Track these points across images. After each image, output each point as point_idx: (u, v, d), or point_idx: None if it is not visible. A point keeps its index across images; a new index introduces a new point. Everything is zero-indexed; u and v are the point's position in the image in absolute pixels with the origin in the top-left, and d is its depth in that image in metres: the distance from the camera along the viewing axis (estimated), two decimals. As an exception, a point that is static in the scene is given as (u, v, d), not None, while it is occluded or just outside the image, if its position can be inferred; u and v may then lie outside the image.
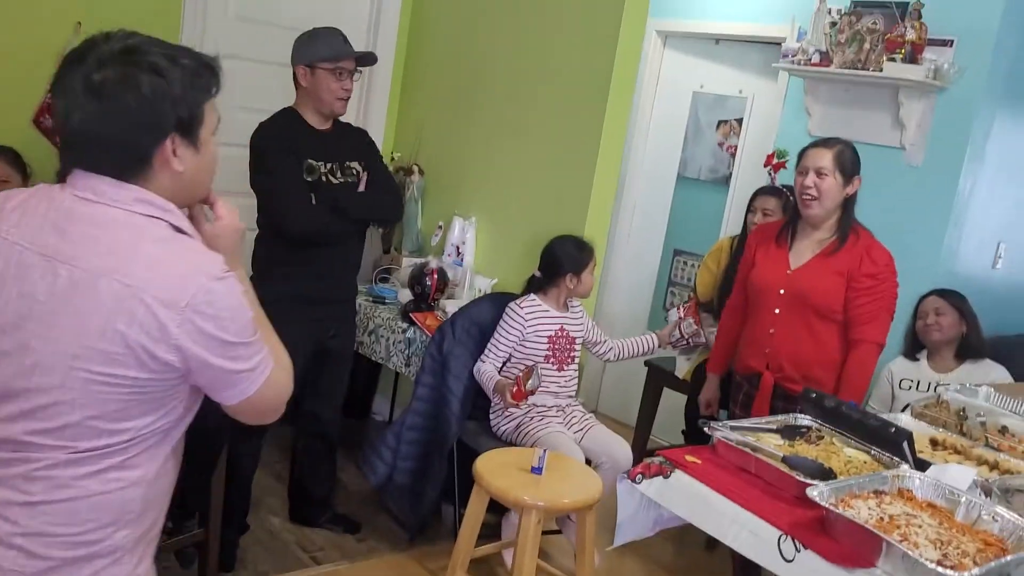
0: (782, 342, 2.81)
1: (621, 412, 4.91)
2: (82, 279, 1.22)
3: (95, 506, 1.28)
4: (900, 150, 3.83)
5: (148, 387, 1.26)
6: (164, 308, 1.22)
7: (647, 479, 2.00)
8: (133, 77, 1.23)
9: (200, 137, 1.32)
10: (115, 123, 1.24)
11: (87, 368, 1.22)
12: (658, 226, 5.03)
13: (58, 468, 1.25)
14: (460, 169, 4.04)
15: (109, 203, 1.26)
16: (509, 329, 3.18)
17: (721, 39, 4.73)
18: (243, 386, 1.32)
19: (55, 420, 1.23)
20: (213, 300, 1.25)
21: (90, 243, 1.24)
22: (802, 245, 2.83)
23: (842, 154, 2.73)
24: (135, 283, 1.21)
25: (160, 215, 1.28)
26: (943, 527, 1.73)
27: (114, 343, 1.21)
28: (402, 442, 3.28)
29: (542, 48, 3.67)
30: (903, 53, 3.66)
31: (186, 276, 1.24)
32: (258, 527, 3.26)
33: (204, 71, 1.32)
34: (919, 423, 2.38)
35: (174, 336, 1.23)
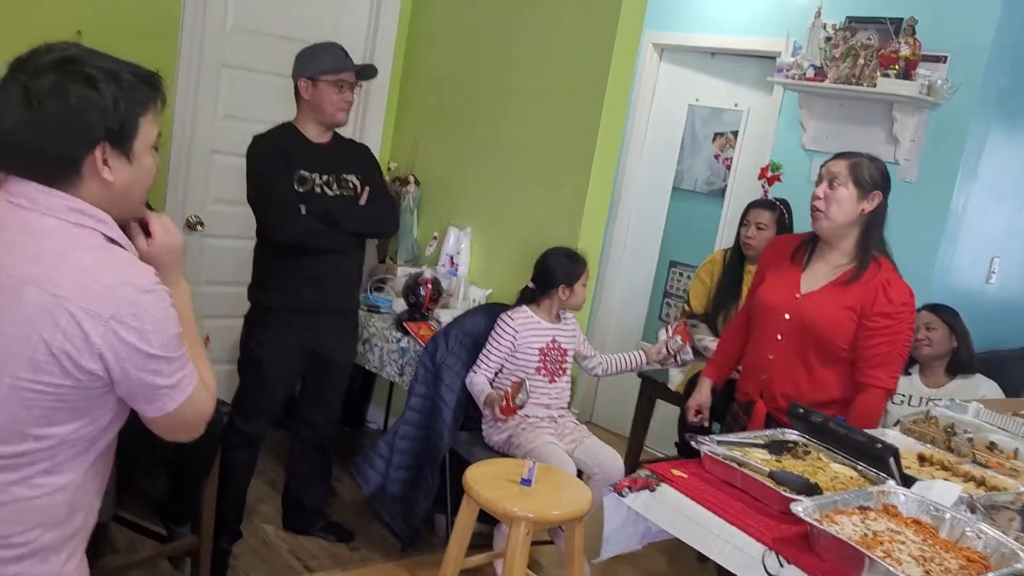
0: (779, 372, 2.63)
1: (615, 423, 4.92)
2: (8, 285, 1.23)
3: (21, 511, 1.30)
4: (894, 165, 3.84)
5: (73, 395, 1.27)
6: (88, 318, 1.23)
7: (633, 492, 2.01)
8: (62, 87, 1.25)
9: (134, 150, 1.33)
10: (41, 130, 1.26)
11: (11, 373, 1.24)
12: (653, 237, 5.06)
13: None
14: (455, 180, 4.07)
15: (43, 211, 1.27)
16: (500, 340, 3.19)
17: (717, 52, 4.76)
18: (162, 401, 1.33)
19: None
20: (138, 312, 1.26)
21: (18, 250, 1.25)
22: (817, 268, 2.61)
23: (859, 165, 2.52)
24: (60, 292, 1.23)
25: (93, 225, 1.30)
26: (927, 544, 1.74)
27: (38, 351, 1.23)
28: (395, 451, 3.29)
29: (537, 59, 3.70)
30: (897, 69, 3.69)
31: (112, 287, 1.25)
32: (251, 535, 3.27)
33: (142, 85, 1.33)
34: (907, 439, 2.38)
35: (97, 346, 1.24)
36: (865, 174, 2.51)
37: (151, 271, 1.32)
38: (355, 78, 3.05)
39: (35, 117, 1.25)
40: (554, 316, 3.27)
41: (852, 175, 2.50)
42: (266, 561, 3.15)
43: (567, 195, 3.55)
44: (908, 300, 2.53)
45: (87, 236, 1.29)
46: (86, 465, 1.35)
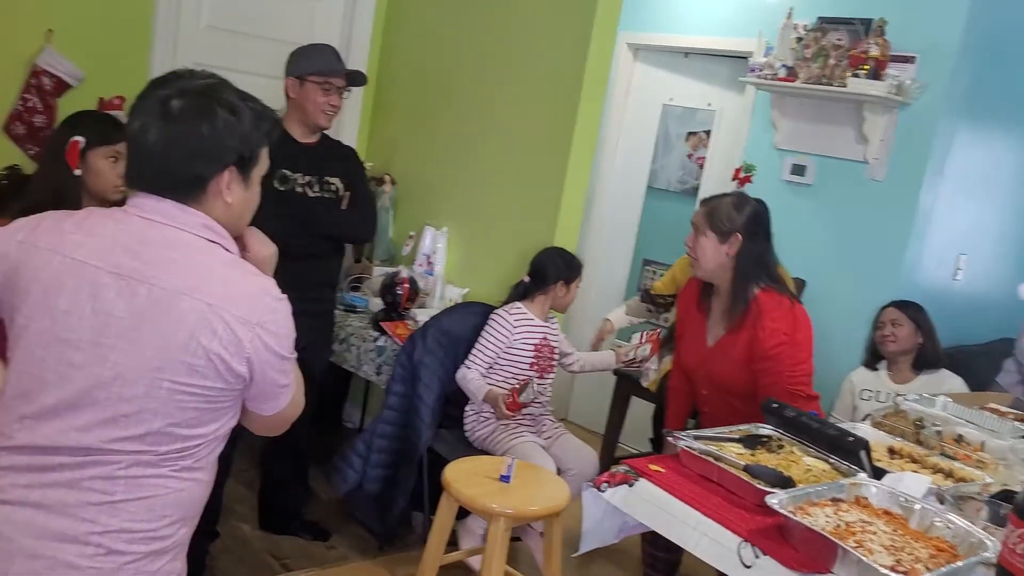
0: (714, 422, 2.56)
1: (590, 420, 4.96)
2: (163, 297, 1.31)
3: (171, 503, 1.38)
4: (864, 164, 3.92)
5: (220, 396, 1.37)
6: (240, 324, 1.34)
7: (612, 487, 2.04)
8: (211, 109, 1.36)
9: (252, 176, 1.45)
10: (183, 149, 1.35)
11: (171, 379, 1.32)
12: (628, 236, 5.09)
13: (138, 467, 1.34)
14: (432, 179, 4.08)
15: (179, 226, 1.37)
16: (496, 336, 3.21)
17: (690, 52, 4.80)
18: (282, 399, 1.46)
19: (139, 427, 1.32)
20: (277, 319, 1.39)
21: (167, 264, 1.33)
22: (716, 313, 2.65)
23: (715, 210, 2.54)
24: (215, 301, 1.33)
25: (219, 240, 1.40)
26: (897, 534, 1.78)
27: (197, 356, 1.32)
28: (372, 450, 3.29)
29: (513, 60, 3.72)
30: (867, 69, 3.75)
31: (256, 296, 1.37)
32: (228, 535, 3.26)
33: (267, 118, 1.46)
34: (878, 432, 2.43)
35: (247, 350, 1.35)
36: (722, 219, 2.53)
37: (274, 282, 1.43)
38: (344, 83, 3.04)
39: (179, 135, 1.34)
40: (545, 314, 3.31)
41: (708, 221, 2.55)
42: (244, 561, 3.14)
43: (543, 194, 3.57)
44: (782, 339, 2.48)
45: (218, 251, 1.39)
46: (214, 463, 1.46)
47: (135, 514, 1.34)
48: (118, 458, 1.32)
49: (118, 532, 1.33)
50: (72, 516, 1.31)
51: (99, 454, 1.31)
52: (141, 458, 1.33)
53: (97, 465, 1.32)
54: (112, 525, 1.32)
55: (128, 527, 1.34)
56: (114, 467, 1.32)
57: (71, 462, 1.31)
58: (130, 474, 1.33)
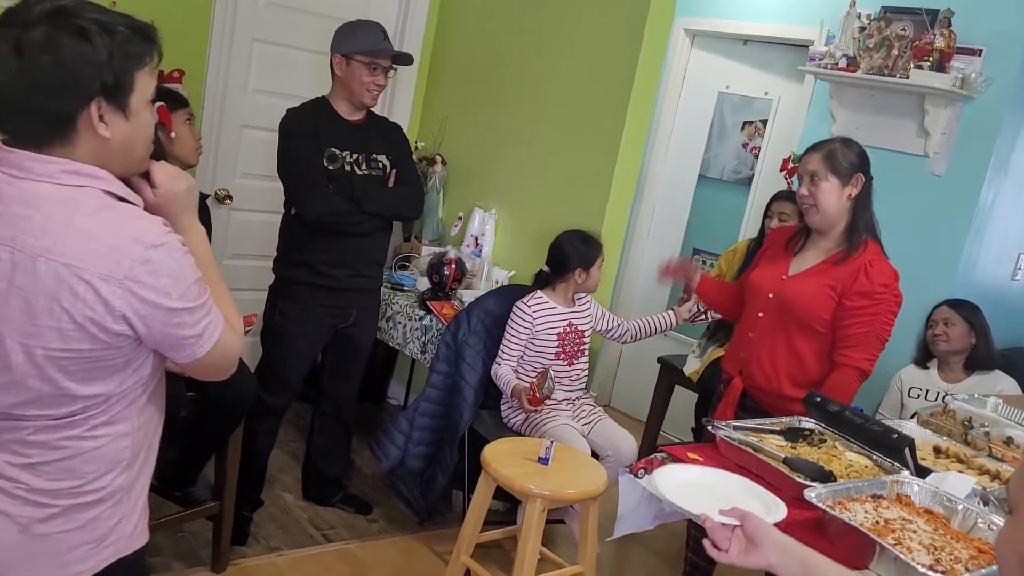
0: (758, 349, 2.64)
1: (633, 407, 4.95)
2: (21, 260, 1.23)
3: (90, 460, 1.35)
4: (924, 158, 3.83)
5: (106, 355, 1.29)
6: (103, 283, 1.23)
7: (649, 474, 2.04)
8: (55, 39, 1.21)
9: (131, 105, 1.29)
10: (33, 85, 1.21)
11: (43, 346, 1.25)
12: (678, 224, 5.05)
13: (46, 432, 1.31)
14: (482, 161, 4.09)
15: (35, 178, 1.25)
16: (518, 329, 3.21)
17: (749, 40, 4.73)
18: (191, 350, 1.34)
19: (28, 393, 1.28)
20: (151, 268, 1.25)
21: (23, 223, 1.23)
22: (808, 254, 2.63)
23: (833, 154, 2.50)
24: (72, 261, 1.22)
25: (89, 183, 1.27)
26: (938, 533, 1.76)
27: (62, 320, 1.23)
28: (415, 428, 3.33)
29: (567, 43, 3.70)
30: (931, 61, 3.66)
31: (121, 247, 1.24)
32: (272, 504, 3.34)
33: (137, 38, 1.28)
34: (924, 431, 2.40)
35: (118, 308, 1.24)
36: (842, 160, 2.50)
37: (159, 222, 1.30)
38: (390, 63, 3.05)
39: (27, 71, 1.21)
40: (569, 299, 3.29)
41: (829, 165, 2.50)
42: (286, 529, 3.21)
43: (593, 180, 3.56)
44: (889, 282, 2.50)
45: (86, 197, 1.26)
46: (140, 411, 1.40)
47: (54, 474, 1.33)
48: (25, 424, 1.30)
49: (41, 490, 1.32)
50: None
51: (6, 419, 1.30)
52: (47, 423, 1.30)
53: (13, 430, 1.31)
54: (35, 483, 1.32)
55: (50, 486, 1.33)
56: (24, 432, 1.30)
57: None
58: (39, 439, 1.31)
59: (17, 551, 1.33)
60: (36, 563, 1.34)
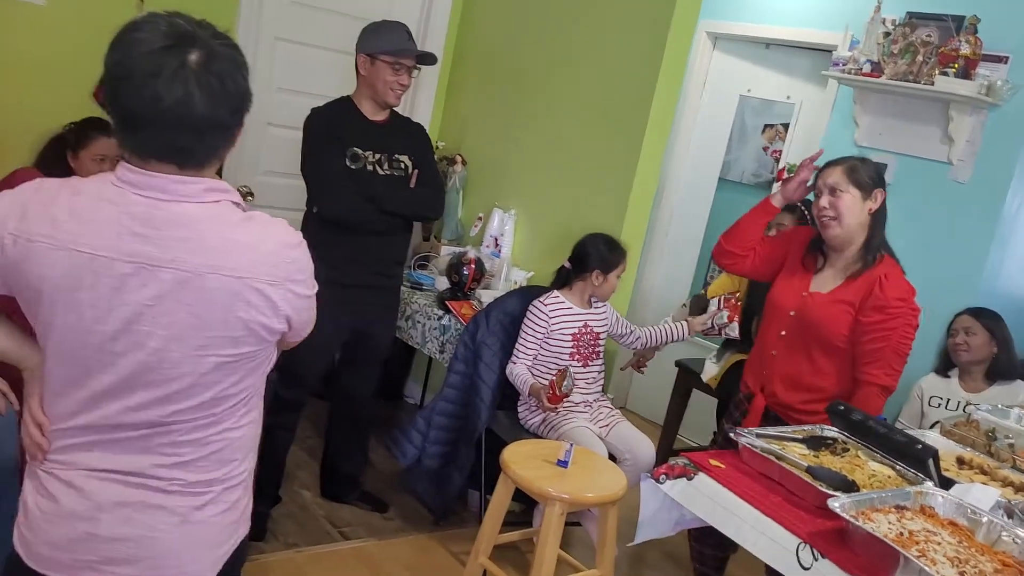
0: (780, 367, 2.62)
1: (650, 411, 4.94)
2: (188, 279, 1.28)
3: (236, 448, 1.44)
4: (947, 165, 3.80)
5: (262, 352, 1.40)
6: (271, 287, 1.33)
7: (671, 480, 2.04)
8: (238, 61, 1.31)
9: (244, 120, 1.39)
10: (220, 105, 1.28)
11: (216, 354, 1.33)
12: (697, 227, 5.04)
13: (199, 431, 1.38)
14: (502, 162, 4.09)
15: (181, 199, 1.30)
16: (533, 328, 3.22)
17: (772, 43, 4.71)
18: (309, 326, 1.48)
19: (192, 400, 1.35)
20: (299, 267, 1.39)
21: (181, 243, 1.28)
22: (827, 273, 2.61)
23: (855, 168, 2.52)
24: (242, 273, 1.31)
25: (223, 197, 1.35)
26: (962, 545, 1.75)
27: (236, 329, 1.33)
28: (432, 427, 3.34)
29: (590, 44, 3.70)
30: (956, 67, 3.63)
31: (277, 253, 1.35)
32: (290, 500, 3.35)
33: None
34: (947, 441, 2.38)
35: (282, 309, 1.36)
36: (863, 175, 2.51)
37: (286, 223, 1.40)
38: (414, 63, 3.06)
39: (220, 93, 1.28)
40: (586, 301, 3.29)
41: (851, 179, 2.50)
42: (303, 526, 3.23)
43: (613, 181, 3.56)
44: (905, 296, 2.49)
45: (225, 211, 1.34)
46: (261, 396, 1.51)
47: (206, 468, 1.40)
48: (179, 426, 1.36)
49: (197, 482, 1.39)
50: (148, 476, 1.36)
51: (160, 426, 1.35)
52: (200, 422, 1.37)
53: (160, 435, 1.35)
54: (188, 479, 1.38)
55: (201, 479, 1.40)
56: (177, 434, 1.36)
57: (135, 435, 1.35)
58: (193, 438, 1.37)
59: (179, 542, 1.39)
60: (195, 548, 1.42)
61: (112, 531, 1.35)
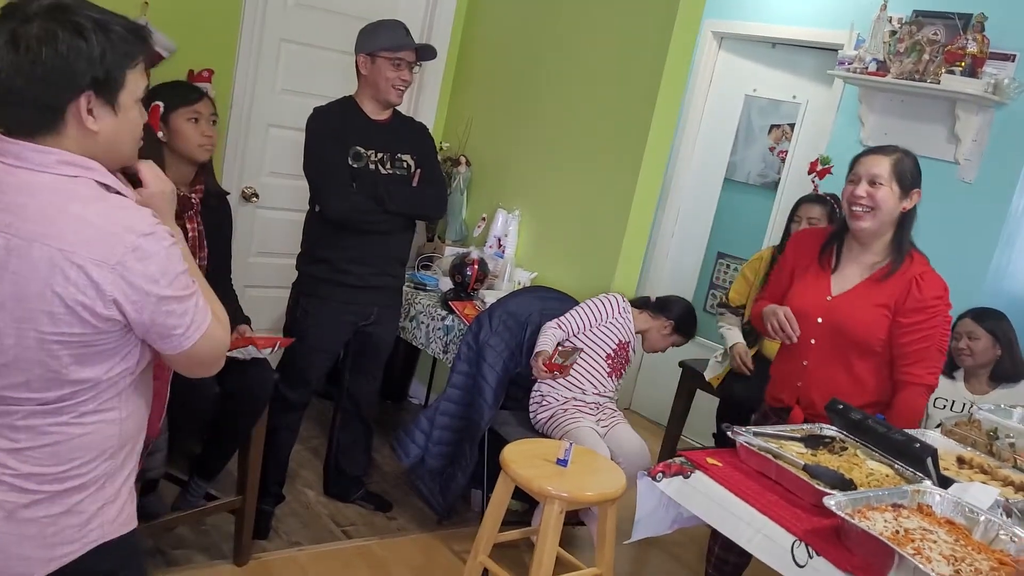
0: (815, 376, 2.51)
1: (653, 411, 4.94)
2: (17, 246, 1.28)
3: (77, 447, 1.38)
4: (954, 165, 3.78)
5: (96, 340, 1.33)
6: (96, 267, 1.28)
7: (667, 478, 2.04)
8: (53, 33, 1.27)
9: (120, 101, 1.35)
10: (29, 76, 1.27)
11: (36, 328, 1.29)
12: (702, 228, 5.03)
13: (35, 417, 1.35)
14: (506, 162, 4.09)
15: (34, 167, 1.31)
16: (594, 308, 3.31)
17: (777, 43, 4.70)
18: (177, 340, 1.38)
19: (18, 376, 1.32)
20: (142, 255, 1.30)
21: (20, 210, 1.29)
22: (849, 269, 2.51)
23: (901, 162, 2.41)
24: (65, 246, 1.27)
25: (83, 173, 1.32)
26: (959, 544, 1.74)
27: (54, 304, 1.28)
28: (435, 427, 3.35)
29: (594, 44, 3.70)
30: (963, 66, 3.61)
31: (114, 234, 1.29)
32: (293, 499, 3.37)
33: (131, 37, 1.34)
34: (948, 440, 2.37)
35: (109, 293, 1.29)
36: (907, 172, 2.42)
37: (149, 213, 1.35)
38: (414, 58, 3.07)
39: (24, 63, 1.27)
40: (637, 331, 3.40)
41: (896, 173, 2.40)
42: (307, 525, 3.24)
43: (617, 182, 3.55)
44: (942, 293, 2.44)
45: (81, 187, 1.32)
46: (130, 399, 1.44)
47: (41, 460, 1.36)
48: (15, 408, 1.34)
49: (27, 476, 1.36)
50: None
51: (2, 402, 1.34)
52: (36, 408, 1.34)
53: (3, 415, 1.34)
54: (21, 469, 1.35)
55: (36, 471, 1.36)
56: (13, 417, 1.34)
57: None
58: (29, 423, 1.35)
59: (4, 536, 1.36)
60: (24, 544, 1.38)
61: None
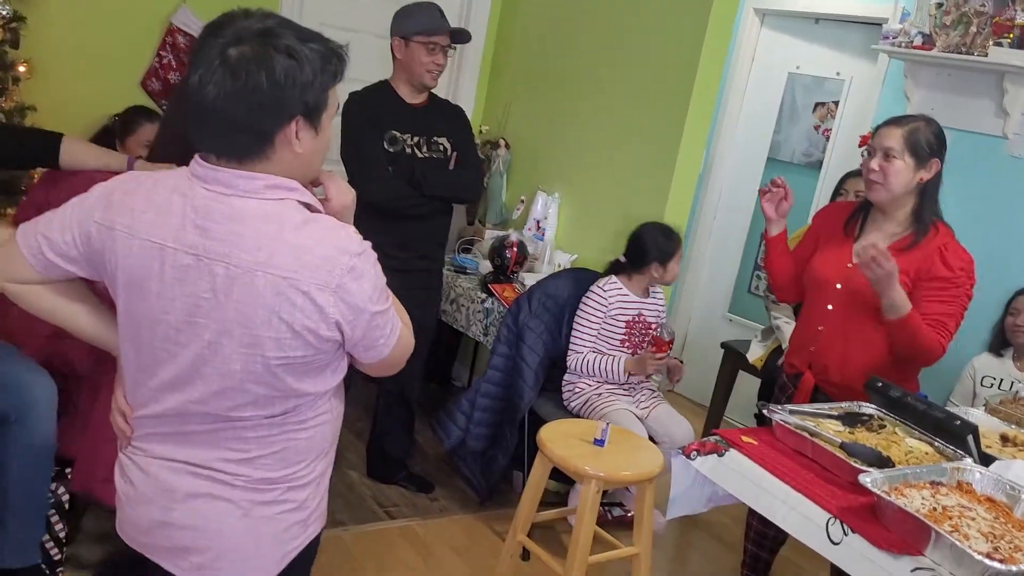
0: (830, 342, 2.51)
1: (697, 392, 4.91)
2: (239, 275, 1.29)
3: (302, 450, 1.46)
4: (1002, 139, 3.68)
5: (316, 358, 1.38)
6: (319, 292, 1.30)
7: (701, 456, 2.04)
8: (268, 58, 1.25)
9: (322, 122, 1.36)
10: (246, 102, 1.26)
11: (261, 354, 1.33)
12: (745, 208, 4.97)
13: (263, 429, 1.41)
14: (545, 145, 4.09)
15: (242, 194, 1.31)
16: (592, 312, 3.23)
17: (821, 18, 4.61)
18: (381, 349, 1.44)
19: (245, 396, 1.37)
20: (357, 275, 1.33)
21: (236, 239, 1.29)
22: (871, 237, 2.47)
23: (914, 133, 2.35)
24: (289, 274, 1.29)
25: (288, 196, 1.34)
26: (998, 521, 1.72)
27: (280, 331, 1.31)
28: (476, 409, 3.38)
29: (631, 25, 3.67)
30: (1011, 37, 3.51)
31: (331, 258, 1.31)
32: (337, 480, 3.41)
33: (333, 58, 1.34)
34: (992, 418, 2.33)
35: (332, 315, 1.33)
36: (922, 142, 2.36)
37: (355, 232, 1.37)
38: (448, 41, 3.07)
39: (242, 90, 1.25)
40: (644, 290, 3.28)
41: (908, 145, 2.36)
42: (351, 505, 3.30)
43: (657, 163, 3.53)
44: (966, 266, 2.39)
45: (289, 210, 1.33)
46: (338, 403, 1.53)
47: (271, 466, 1.43)
48: (242, 423, 1.38)
49: (260, 480, 1.43)
50: (216, 470, 1.41)
51: (223, 421, 1.38)
52: (262, 421, 1.39)
53: (226, 430, 1.39)
54: (254, 475, 1.42)
55: (267, 476, 1.43)
56: (241, 430, 1.39)
57: (202, 429, 1.39)
58: (258, 434, 1.40)
59: (243, 535, 1.44)
60: (261, 544, 1.45)
61: (183, 520, 1.42)
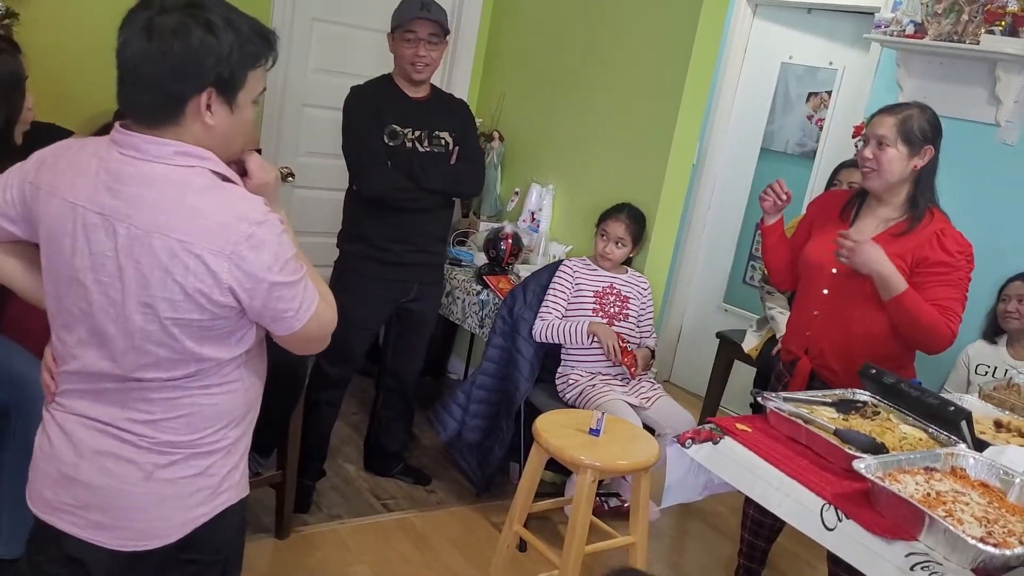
0: (825, 326, 2.51)
1: (692, 382, 4.93)
2: (138, 236, 1.34)
3: (208, 416, 1.48)
4: (994, 127, 3.69)
5: (215, 324, 1.41)
6: (212, 257, 1.34)
7: (696, 444, 2.04)
8: (186, 27, 1.32)
9: (238, 100, 1.40)
10: (159, 65, 1.33)
11: (157, 315, 1.37)
12: (739, 198, 4.98)
13: (168, 391, 1.43)
14: (539, 136, 4.09)
15: (152, 159, 1.36)
16: (560, 284, 3.34)
17: (813, 8, 4.61)
18: (289, 322, 1.45)
19: (148, 356, 1.40)
20: (255, 243, 1.35)
21: (139, 201, 1.35)
22: (866, 222, 2.50)
23: (907, 121, 2.37)
24: (184, 237, 1.33)
25: (198, 163, 1.38)
26: (992, 506, 1.73)
27: (174, 292, 1.35)
28: (472, 400, 3.38)
29: (624, 17, 3.67)
30: (1003, 25, 3.51)
31: (228, 224, 1.34)
32: (334, 474, 3.43)
33: (257, 40, 1.41)
34: (986, 405, 2.34)
35: (225, 280, 1.36)
36: (915, 129, 2.38)
37: (261, 202, 1.40)
38: (428, 30, 2.98)
39: (155, 52, 1.32)
40: (616, 267, 3.39)
41: (901, 133, 2.37)
42: (348, 499, 3.30)
43: (650, 154, 3.54)
44: (965, 249, 2.40)
45: (196, 177, 1.37)
46: (252, 371, 1.54)
47: (176, 429, 1.45)
48: (147, 383, 1.42)
49: (164, 443, 1.45)
50: (123, 430, 1.44)
51: (131, 381, 1.42)
52: (166, 383, 1.42)
53: (134, 390, 1.43)
54: (159, 437, 1.45)
55: (172, 439, 1.45)
56: (147, 391, 1.43)
57: (114, 387, 1.43)
58: (163, 396, 1.43)
59: (144, 496, 1.46)
60: (165, 505, 1.47)
61: (89, 477, 1.45)
